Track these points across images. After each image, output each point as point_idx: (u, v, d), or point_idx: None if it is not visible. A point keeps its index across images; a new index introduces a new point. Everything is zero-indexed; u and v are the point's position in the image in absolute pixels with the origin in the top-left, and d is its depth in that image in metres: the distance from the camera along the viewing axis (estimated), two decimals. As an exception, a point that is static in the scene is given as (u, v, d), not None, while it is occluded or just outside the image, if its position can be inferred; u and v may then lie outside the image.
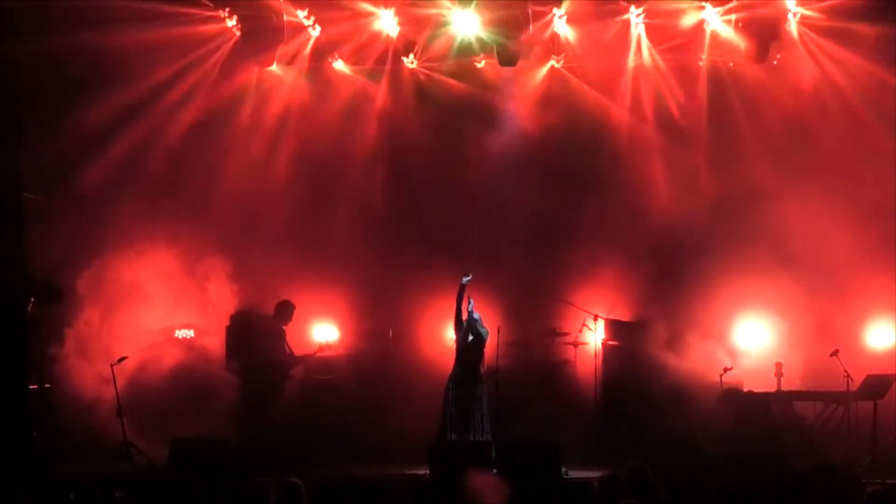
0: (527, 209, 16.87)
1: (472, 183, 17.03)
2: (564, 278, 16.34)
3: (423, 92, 16.96)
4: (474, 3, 15.48)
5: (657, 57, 16.34)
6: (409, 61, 16.74)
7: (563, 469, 13.55)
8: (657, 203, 16.53)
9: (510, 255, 16.43)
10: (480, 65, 16.74)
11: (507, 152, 17.03)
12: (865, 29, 15.28)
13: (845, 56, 15.78)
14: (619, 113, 16.76)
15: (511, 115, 17.09)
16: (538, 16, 15.77)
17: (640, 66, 16.51)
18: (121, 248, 15.69)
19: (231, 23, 15.93)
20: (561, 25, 16.03)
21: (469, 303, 14.32)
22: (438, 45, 16.29)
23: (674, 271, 16.25)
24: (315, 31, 16.20)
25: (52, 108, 15.57)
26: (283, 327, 15.48)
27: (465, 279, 14.21)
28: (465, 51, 16.22)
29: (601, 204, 16.71)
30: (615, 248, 16.31)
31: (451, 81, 16.95)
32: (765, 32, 15.52)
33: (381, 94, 16.98)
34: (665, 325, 15.63)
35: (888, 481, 13.00)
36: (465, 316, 14.30)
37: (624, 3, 15.71)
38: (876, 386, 14.73)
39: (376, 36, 16.34)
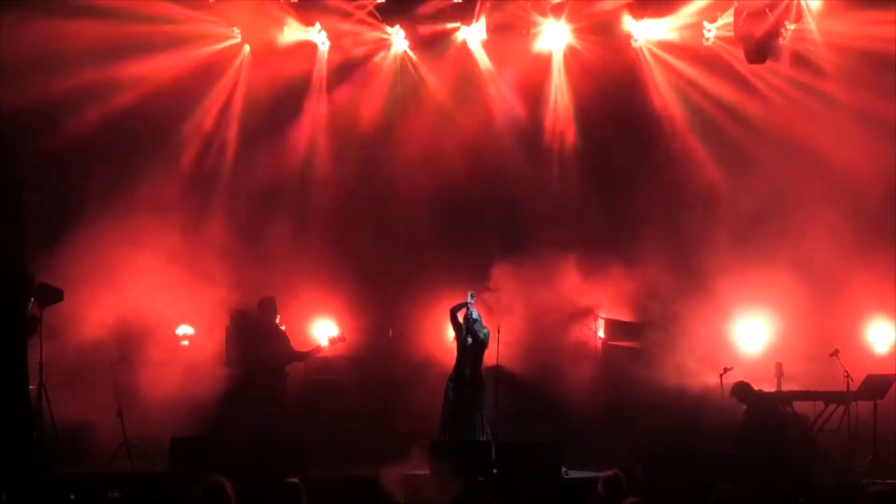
0: (526, 209, 16.90)
1: (472, 181, 17.04)
2: (564, 278, 16.33)
3: (425, 93, 16.97)
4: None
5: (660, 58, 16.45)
6: (411, 64, 16.75)
7: (563, 469, 13.56)
8: (657, 203, 16.56)
9: (510, 255, 16.42)
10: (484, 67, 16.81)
11: (510, 151, 17.07)
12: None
13: (845, 55, 15.80)
14: (619, 115, 16.78)
15: (513, 115, 17.11)
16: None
17: (641, 69, 16.57)
18: (121, 247, 15.66)
19: (235, 31, 15.96)
20: (561, 36, 16.15)
21: (470, 298, 14.35)
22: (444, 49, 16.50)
23: (673, 271, 16.25)
24: (319, 37, 16.27)
25: (55, 110, 15.59)
26: (282, 326, 15.49)
27: (469, 299, 14.28)
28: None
29: (602, 205, 16.74)
30: (615, 248, 16.32)
31: (455, 84, 16.95)
32: (764, 35, 15.52)
33: (384, 96, 16.99)
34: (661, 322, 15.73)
35: (888, 481, 13.01)
36: (461, 320, 14.39)
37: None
38: (876, 386, 14.74)
39: (380, 44, 16.41)
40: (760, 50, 15.68)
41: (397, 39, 16.48)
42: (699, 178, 16.49)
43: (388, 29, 16.36)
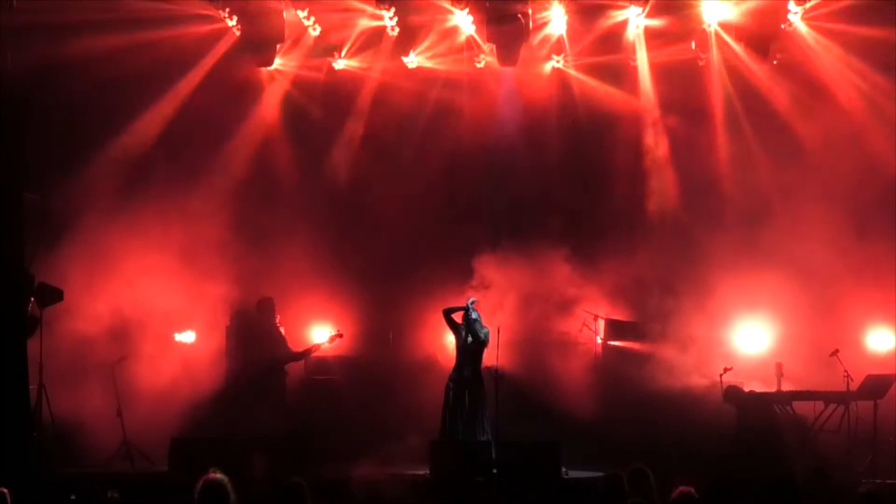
0: (527, 209, 16.91)
1: (471, 181, 17.06)
2: (558, 275, 16.34)
3: (424, 92, 16.95)
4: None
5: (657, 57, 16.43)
6: (410, 60, 16.69)
7: (563, 469, 13.56)
8: (655, 200, 16.57)
9: (510, 255, 16.42)
10: (480, 65, 16.74)
11: (508, 151, 17.07)
12: (865, 31, 15.31)
13: (845, 59, 15.76)
14: (620, 116, 16.78)
15: (512, 114, 17.11)
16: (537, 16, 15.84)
17: (641, 68, 16.55)
18: (121, 246, 15.65)
19: (231, 23, 15.91)
20: (560, 26, 16.08)
21: (470, 304, 14.39)
22: (440, 45, 16.39)
23: (675, 271, 16.25)
24: (315, 31, 16.24)
25: (53, 109, 15.59)
26: (281, 327, 15.50)
27: (469, 302, 14.34)
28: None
29: (601, 205, 16.76)
30: (616, 249, 16.32)
31: (453, 80, 16.93)
32: (765, 32, 15.49)
33: (380, 93, 16.97)
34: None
35: (888, 481, 13.02)
36: (459, 321, 14.42)
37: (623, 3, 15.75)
38: (876, 386, 14.73)
39: (377, 35, 16.36)
40: (763, 44, 15.62)
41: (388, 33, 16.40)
42: (699, 176, 16.50)
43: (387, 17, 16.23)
